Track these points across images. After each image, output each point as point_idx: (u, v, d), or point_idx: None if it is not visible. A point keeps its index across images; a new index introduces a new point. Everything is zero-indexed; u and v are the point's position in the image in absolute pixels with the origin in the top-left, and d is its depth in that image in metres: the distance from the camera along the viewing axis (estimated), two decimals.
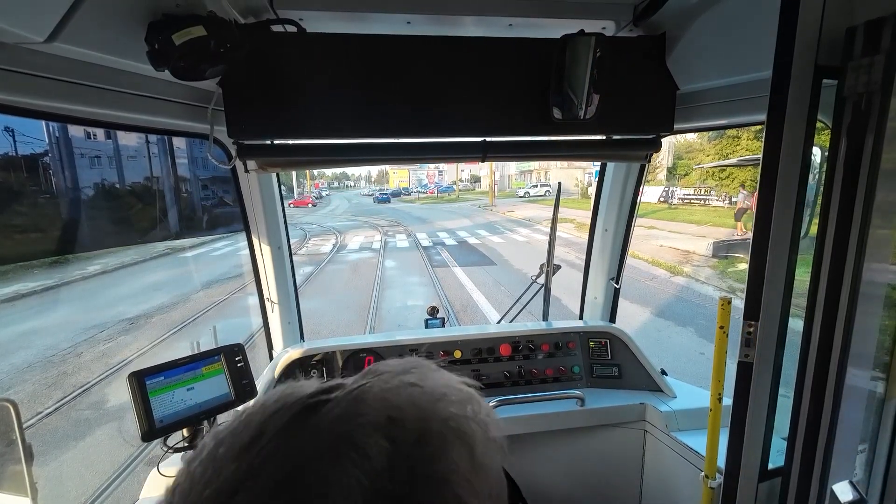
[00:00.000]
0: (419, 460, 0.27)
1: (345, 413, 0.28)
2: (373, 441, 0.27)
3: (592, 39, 1.20)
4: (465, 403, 0.31)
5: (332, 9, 1.21)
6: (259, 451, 0.26)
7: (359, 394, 0.30)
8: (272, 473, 0.25)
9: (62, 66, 0.88)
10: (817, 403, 0.92)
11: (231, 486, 0.25)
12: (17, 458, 0.94)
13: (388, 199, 39.95)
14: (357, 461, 0.26)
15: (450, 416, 0.30)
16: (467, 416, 0.30)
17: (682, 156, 25.71)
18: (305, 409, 0.28)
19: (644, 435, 1.72)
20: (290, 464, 0.26)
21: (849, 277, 0.86)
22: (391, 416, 0.28)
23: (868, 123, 0.82)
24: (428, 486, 0.27)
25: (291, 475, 0.25)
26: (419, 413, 0.29)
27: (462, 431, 0.29)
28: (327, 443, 0.27)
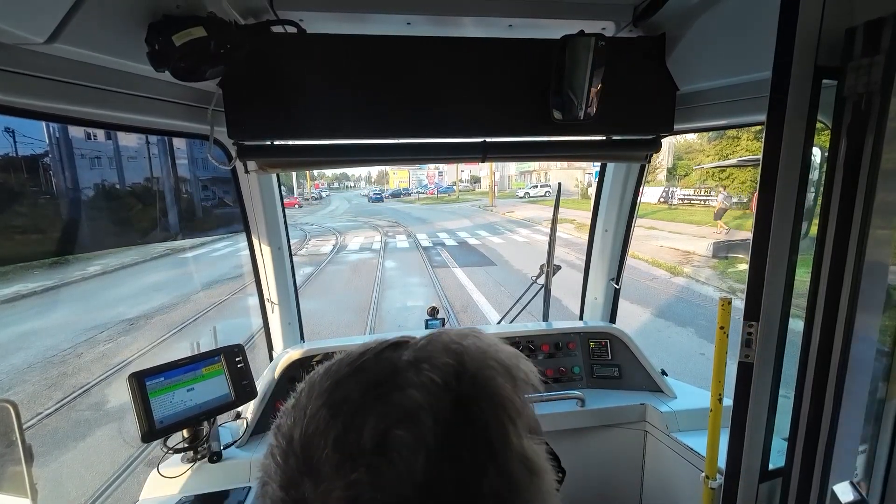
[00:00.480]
0: (478, 378, 0.36)
1: (421, 348, 0.38)
2: (443, 360, 0.36)
3: (592, 40, 1.20)
4: (512, 355, 0.40)
5: (332, 10, 1.22)
6: (361, 363, 0.37)
7: (432, 338, 0.39)
8: (370, 374, 0.36)
9: (62, 67, 0.88)
10: (818, 404, 0.92)
11: (342, 379, 0.36)
12: (17, 458, 0.94)
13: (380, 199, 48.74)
14: (431, 370, 0.35)
15: (500, 359, 0.38)
16: (514, 363, 0.39)
17: (681, 156, 25.73)
18: (393, 345, 0.38)
19: (644, 435, 1.72)
20: (384, 369, 0.36)
21: (849, 278, 0.86)
22: (458, 349, 0.37)
23: (868, 124, 0.82)
24: (484, 395, 0.35)
25: (385, 376, 0.35)
26: (479, 352, 0.38)
27: (509, 370, 0.38)
28: (409, 360, 0.36)
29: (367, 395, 0.34)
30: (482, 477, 0.32)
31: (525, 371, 0.39)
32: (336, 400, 0.34)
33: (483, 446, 0.33)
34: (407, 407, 0.33)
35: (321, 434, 0.33)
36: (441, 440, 0.32)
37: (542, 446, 0.39)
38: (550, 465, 0.38)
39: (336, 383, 0.35)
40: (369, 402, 0.33)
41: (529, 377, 0.39)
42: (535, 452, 0.37)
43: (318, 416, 0.33)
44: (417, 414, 0.32)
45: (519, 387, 0.38)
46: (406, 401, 0.33)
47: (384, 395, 0.34)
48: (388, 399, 0.33)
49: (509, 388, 0.37)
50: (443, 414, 0.33)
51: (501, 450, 0.34)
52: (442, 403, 0.33)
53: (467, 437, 0.33)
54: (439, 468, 0.31)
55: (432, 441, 0.32)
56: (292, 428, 0.34)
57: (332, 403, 0.34)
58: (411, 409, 0.33)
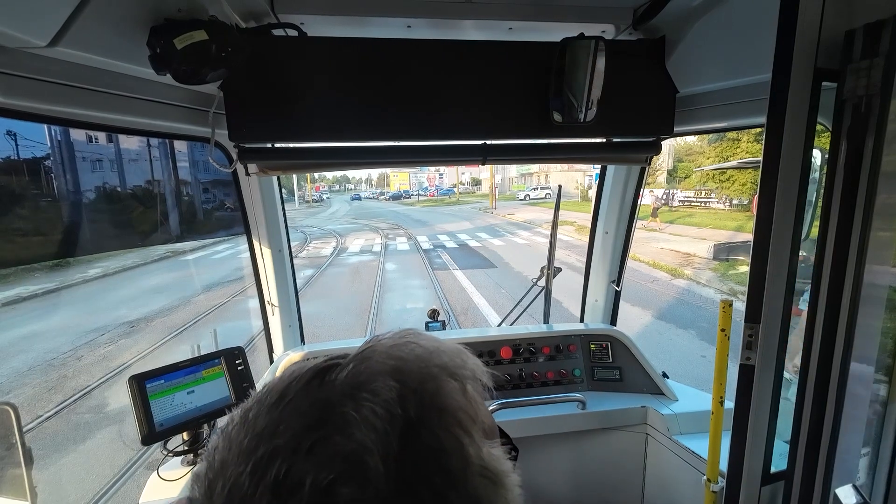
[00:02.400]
0: (423, 394, 0.32)
1: (355, 369, 0.33)
2: (382, 383, 0.32)
3: (592, 43, 1.20)
4: (455, 354, 0.37)
5: (333, 13, 1.22)
6: (286, 405, 0.31)
7: (365, 354, 0.35)
8: (301, 419, 0.30)
9: (65, 71, 0.89)
10: (819, 406, 0.92)
11: (267, 433, 0.30)
12: (16, 461, 0.94)
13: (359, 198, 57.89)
14: (371, 399, 0.31)
15: (444, 362, 0.35)
16: (458, 363, 0.36)
17: (682, 158, 25.74)
18: (320, 371, 0.33)
19: (646, 438, 1.72)
20: (316, 409, 0.31)
21: (850, 280, 0.86)
22: (396, 365, 0.34)
23: (868, 126, 0.82)
24: (433, 413, 0.32)
25: (319, 417, 0.30)
26: (419, 361, 0.35)
27: (455, 373, 0.35)
28: (344, 390, 0.32)
29: (299, 445, 0.29)
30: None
31: (471, 369, 0.36)
32: (261, 458, 0.29)
33: (441, 475, 0.30)
34: (350, 452, 0.29)
35: (248, 500, 0.28)
36: (395, 484, 0.28)
37: (497, 444, 0.36)
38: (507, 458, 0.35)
39: (258, 437, 0.30)
40: (302, 455, 0.28)
41: (476, 373, 0.37)
42: (495, 458, 0.34)
43: (241, 482, 0.28)
44: (364, 460, 0.28)
45: (468, 389, 0.35)
46: (348, 444, 0.29)
47: (320, 442, 0.29)
48: (326, 446, 0.29)
49: (458, 393, 0.34)
50: (392, 451, 0.29)
51: (461, 472, 0.31)
52: (389, 439, 0.29)
53: (423, 471, 0.30)
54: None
55: (384, 487, 0.28)
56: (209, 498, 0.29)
57: (256, 464, 0.29)
58: (356, 453, 0.28)
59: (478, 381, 0.37)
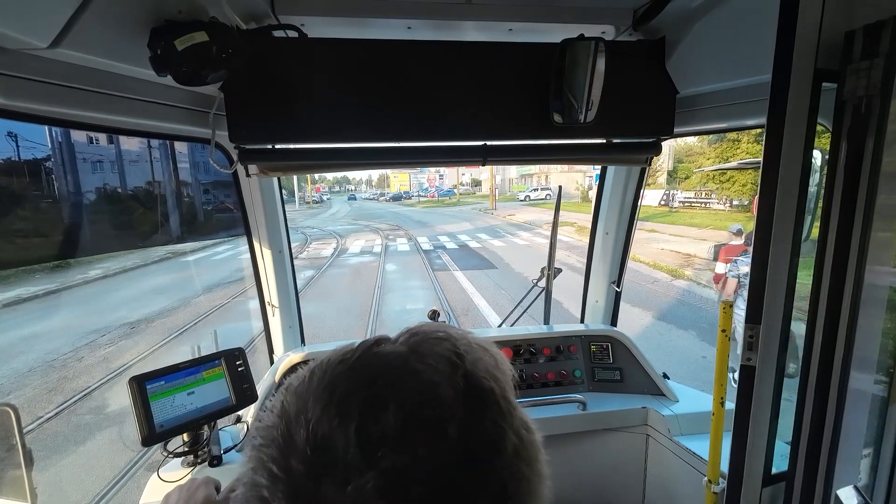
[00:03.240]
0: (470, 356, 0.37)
1: (407, 340, 0.38)
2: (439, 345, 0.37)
3: (592, 44, 1.20)
4: (486, 341, 0.42)
5: (333, 14, 1.22)
6: (351, 364, 0.36)
7: (412, 331, 0.40)
8: (369, 368, 0.35)
9: (65, 72, 0.89)
10: (821, 407, 0.92)
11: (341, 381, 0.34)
12: (17, 463, 0.94)
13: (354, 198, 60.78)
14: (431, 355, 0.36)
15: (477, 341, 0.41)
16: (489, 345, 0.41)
17: (682, 159, 25.74)
18: (374, 342, 0.38)
19: (646, 439, 1.71)
20: (383, 361, 0.36)
21: (851, 280, 0.86)
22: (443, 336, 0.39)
23: (868, 126, 0.82)
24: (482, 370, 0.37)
25: (386, 366, 0.35)
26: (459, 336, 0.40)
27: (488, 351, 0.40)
28: (405, 351, 0.37)
29: (374, 385, 0.34)
30: (504, 435, 0.35)
31: (498, 352, 0.42)
32: (342, 396, 0.33)
33: (497, 410, 0.36)
34: (425, 387, 0.34)
35: (335, 433, 0.31)
36: (465, 410, 0.34)
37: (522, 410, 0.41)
38: None
39: (332, 383, 0.34)
40: (382, 391, 0.33)
41: (503, 357, 0.42)
42: (526, 415, 0.40)
43: (324, 417, 0.32)
44: (437, 390, 0.34)
45: (499, 363, 0.40)
46: (421, 383, 0.34)
47: (396, 382, 0.34)
48: (403, 384, 0.34)
49: (493, 365, 0.39)
50: (459, 387, 0.35)
51: (509, 412, 0.37)
52: (455, 378, 0.35)
53: (484, 404, 0.35)
54: (470, 434, 0.33)
55: (459, 411, 0.33)
56: (288, 437, 0.32)
57: (338, 401, 0.33)
58: (430, 387, 0.34)
59: (504, 361, 0.41)
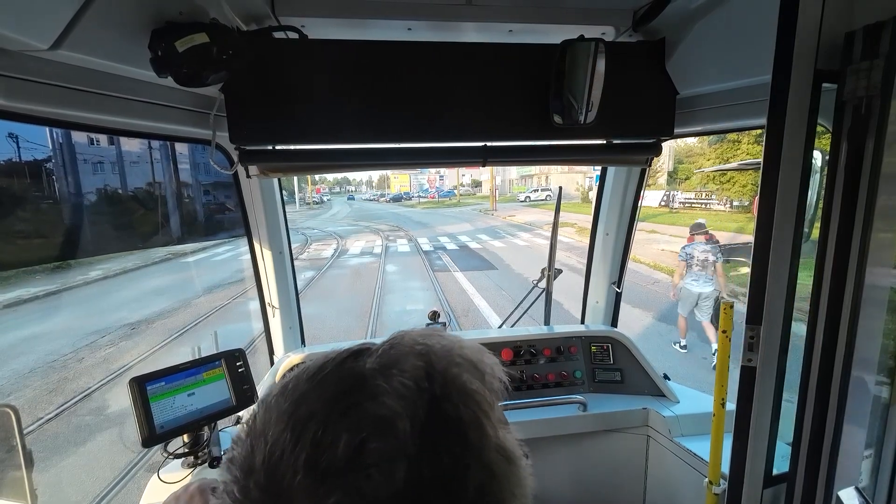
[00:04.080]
0: (447, 375, 0.36)
1: (385, 353, 0.37)
2: (411, 362, 0.35)
3: (592, 45, 1.20)
4: (476, 350, 0.40)
5: (334, 16, 1.22)
6: (322, 377, 0.35)
7: (394, 341, 0.38)
8: (336, 387, 0.34)
9: (66, 73, 0.89)
10: (822, 408, 0.92)
11: (305, 398, 0.33)
12: (17, 464, 0.93)
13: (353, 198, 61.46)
14: (400, 374, 0.34)
15: (466, 355, 0.39)
16: (478, 358, 0.39)
17: (682, 160, 25.75)
18: (354, 353, 0.37)
19: (647, 440, 1.71)
20: (349, 381, 0.34)
21: (851, 281, 0.86)
22: (423, 349, 0.37)
23: (868, 127, 0.82)
24: (455, 392, 0.35)
25: (352, 387, 0.34)
26: (443, 349, 0.38)
27: (475, 365, 0.38)
28: (375, 367, 0.35)
29: (334, 408, 0.32)
30: (465, 473, 0.32)
31: (490, 365, 0.39)
32: (300, 418, 0.32)
33: (462, 445, 0.33)
34: (381, 416, 0.32)
35: (288, 458, 0.30)
36: (420, 445, 0.31)
37: (510, 431, 0.39)
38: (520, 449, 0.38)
39: (296, 402, 0.33)
40: (337, 416, 0.32)
41: (495, 371, 0.39)
42: (510, 441, 0.37)
43: (281, 440, 0.31)
44: (393, 422, 0.31)
45: (487, 381, 0.38)
46: (380, 409, 0.32)
47: (354, 406, 0.32)
48: (360, 410, 0.32)
49: (478, 383, 0.37)
50: (419, 418, 0.32)
51: (478, 445, 0.34)
52: (417, 407, 0.32)
53: (446, 437, 0.33)
54: (421, 473, 0.31)
55: (411, 448, 0.31)
56: (250, 457, 0.32)
57: (295, 424, 0.32)
58: (386, 417, 0.32)
59: (495, 377, 0.39)
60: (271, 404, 0.34)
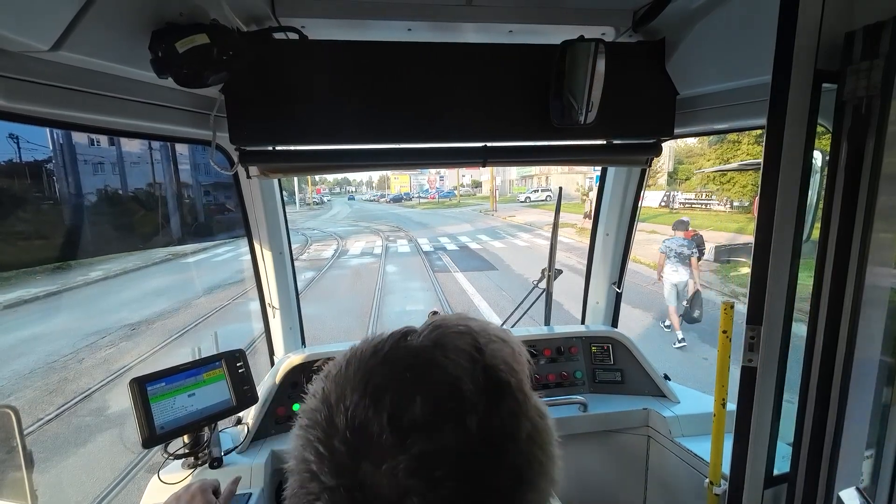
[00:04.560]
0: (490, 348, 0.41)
1: (431, 333, 0.41)
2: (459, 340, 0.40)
3: (592, 45, 1.20)
4: (504, 330, 0.46)
5: (334, 16, 1.23)
6: (382, 357, 0.39)
7: (436, 323, 0.43)
8: (399, 363, 0.39)
9: (67, 74, 0.89)
10: (822, 408, 0.92)
11: (374, 373, 0.38)
12: (17, 464, 0.93)
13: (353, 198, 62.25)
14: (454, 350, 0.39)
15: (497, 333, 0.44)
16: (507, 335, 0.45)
17: (682, 160, 25.76)
18: (403, 334, 0.42)
19: (647, 441, 1.71)
20: (411, 356, 0.39)
21: (852, 281, 0.86)
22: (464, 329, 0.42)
23: (868, 127, 0.82)
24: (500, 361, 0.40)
25: (414, 361, 0.39)
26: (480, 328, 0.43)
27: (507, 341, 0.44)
28: (429, 346, 0.40)
29: (405, 376, 0.38)
30: (518, 423, 0.39)
31: (516, 341, 0.45)
32: (376, 387, 0.37)
33: (513, 401, 0.39)
34: (448, 380, 0.37)
35: (371, 420, 0.35)
36: (484, 401, 0.37)
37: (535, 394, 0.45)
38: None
39: (367, 374, 0.38)
40: (410, 384, 0.37)
41: (520, 346, 0.45)
42: (540, 403, 0.43)
43: (360, 405, 0.36)
44: (459, 384, 0.37)
45: (516, 352, 0.44)
46: (445, 376, 0.38)
47: (423, 375, 0.38)
48: (429, 377, 0.38)
49: (511, 356, 0.42)
50: (479, 381, 0.38)
51: (524, 402, 0.40)
52: (475, 372, 0.38)
53: (501, 396, 0.39)
54: (489, 423, 0.36)
55: (479, 404, 0.37)
56: (330, 420, 0.37)
57: (373, 391, 0.37)
58: (452, 381, 0.37)
59: (522, 350, 0.45)
60: (339, 380, 0.39)
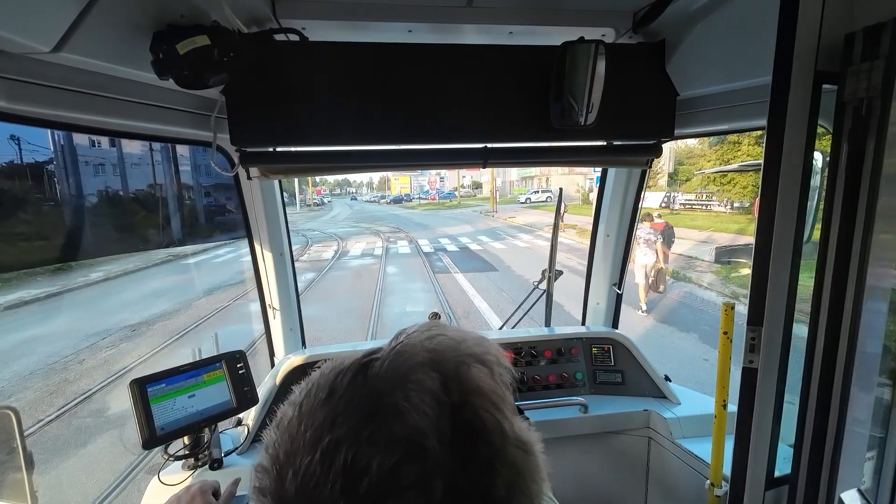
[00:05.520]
0: (461, 380, 0.36)
1: (394, 362, 0.36)
2: (423, 374, 0.35)
3: (592, 46, 1.20)
4: (478, 342, 0.40)
5: (335, 18, 1.23)
6: (338, 399, 0.34)
7: (399, 348, 0.38)
8: (357, 410, 0.33)
9: (68, 76, 0.89)
10: (823, 410, 0.91)
11: (327, 424, 0.33)
12: (17, 466, 0.93)
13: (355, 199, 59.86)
14: (417, 388, 0.34)
15: (472, 350, 0.39)
16: (483, 350, 0.40)
17: (683, 161, 25.76)
18: (362, 367, 0.36)
19: (648, 442, 1.71)
20: (369, 401, 0.34)
21: (853, 282, 0.86)
22: (431, 356, 0.37)
23: (868, 128, 0.82)
24: (472, 393, 0.36)
25: (373, 408, 0.33)
26: (450, 350, 0.38)
27: (482, 359, 0.39)
28: (389, 381, 0.35)
29: (360, 433, 0.32)
30: (494, 475, 0.34)
31: (495, 356, 0.40)
32: (327, 446, 0.32)
33: (487, 447, 0.34)
34: (409, 436, 0.32)
35: (323, 486, 0.31)
36: (452, 458, 0.32)
37: (520, 419, 0.40)
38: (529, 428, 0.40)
39: (318, 429, 0.33)
40: (365, 442, 0.32)
41: (501, 360, 0.40)
42: (523, 430, 0.38)
43: (311, 469, 0.31)
44: (422, 442, 0.32)
45: (494, 372, 0.39)
46: (405, 429, 0.32)
47: (379, 430, 0.32)
48: (386, 432, 0.32)
49: (487, 377, 0.38)
50: (445, 432, 0.33)
51: (501, 443, 0.35)
52: (440, 421, 0.33)
53: (472, 446, 0.34)
54: (457, 484, 0.32)
55: (443, 463, 0.32)
56: (281, 488, 0.32)
57: (323, 452, 0.32)
58: (413, 437, 0.32)
59: (502, 367, 0.40)
60: (291, 431, 0.34)
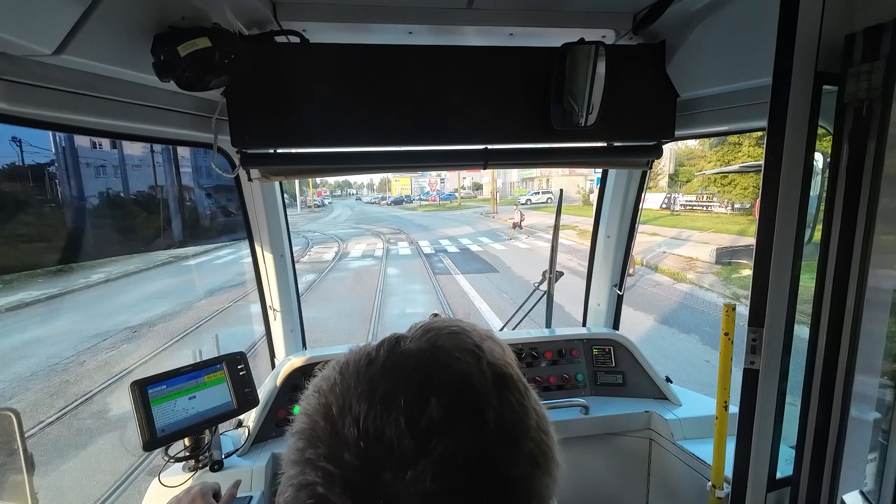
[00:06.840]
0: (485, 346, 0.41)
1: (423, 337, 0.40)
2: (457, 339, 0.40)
3: (592, 48, 1.21)
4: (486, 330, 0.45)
5: (335, 20, 1.23)
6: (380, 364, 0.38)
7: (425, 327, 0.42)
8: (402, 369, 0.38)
9: (70, 78, 0.90)
10: (825, 411, 0.91)
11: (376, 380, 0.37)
12: (18, 467, 0.93)
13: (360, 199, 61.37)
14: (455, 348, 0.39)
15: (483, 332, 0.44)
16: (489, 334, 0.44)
17: (683, 162, 25.76)
18: (394, 341, 0.41)
19: (649, 443, 1.70)
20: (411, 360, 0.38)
21: (854, 283, 0.86)
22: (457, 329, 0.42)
23: (869, 129, 0.82)
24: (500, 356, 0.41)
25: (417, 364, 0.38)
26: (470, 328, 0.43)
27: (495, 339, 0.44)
28: (426, 346, 0.39)
29: (412, 380, 0.37)
30: (527, 413, 0.39)
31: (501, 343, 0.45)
32: (384, 393, 0.36)
33: (517, 392, 0.40)
34: (459, 378, 0.37)
35: (387, 427, 0.34)
36: (495, 394, 0.38)
37: None
38: None
39: (371, 382, 0.37)
40: (420, 386, 0.36)
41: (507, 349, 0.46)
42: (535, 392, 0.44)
43: (372, 414, 0.35)
44: (470, 380, 0.37)
45: (505, 350, 0.44)
46: (455, 374, 0.38)
47: (432, 376, 0.37)
48: (438, 377, 0.37)
49: (501, 352, 0.43)
50: (486, 374, 0.38)
51: (527, 393, 0.41)
52: (482, 368, 0.39)
53: (509, 389, 0.39)
54: (503, 415, 0.37)
55: (490, 396, 0.37)
56: (336, 434, 0.35)
57: (382, 398, 0.35)
58: (463, 378, 0.37)
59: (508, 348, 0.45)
60: (338, 392, 0.37)
